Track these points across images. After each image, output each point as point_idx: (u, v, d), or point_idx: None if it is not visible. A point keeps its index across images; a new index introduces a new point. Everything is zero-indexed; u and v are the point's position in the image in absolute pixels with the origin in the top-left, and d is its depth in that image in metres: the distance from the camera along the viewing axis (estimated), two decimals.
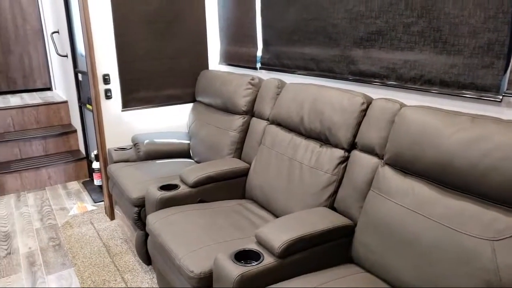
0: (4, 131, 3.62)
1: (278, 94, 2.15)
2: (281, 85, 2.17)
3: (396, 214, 1.37)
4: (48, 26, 4.23)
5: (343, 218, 1.58)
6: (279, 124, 2.07)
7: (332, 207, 1.70)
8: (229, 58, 2.85)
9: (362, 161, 1.59)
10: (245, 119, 2.33)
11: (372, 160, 1.56)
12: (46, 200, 3.18)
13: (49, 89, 4.65)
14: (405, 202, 1.36)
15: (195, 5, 2.83)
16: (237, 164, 2.19)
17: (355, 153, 1.65)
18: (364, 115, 1.64)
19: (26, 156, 3.54)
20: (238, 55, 2.73)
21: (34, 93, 4.47)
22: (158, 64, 2.78)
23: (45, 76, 4.63)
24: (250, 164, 2.18)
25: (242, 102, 2.31)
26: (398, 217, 1.36)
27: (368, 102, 1.65)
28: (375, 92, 1.80)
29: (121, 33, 2.60)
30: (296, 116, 1.90)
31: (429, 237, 1.26)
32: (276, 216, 1.90)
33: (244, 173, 2.17)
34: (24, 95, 4.35)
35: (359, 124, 1.65)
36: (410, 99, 1.66)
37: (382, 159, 1.53)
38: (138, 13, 2.63)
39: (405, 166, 1.41)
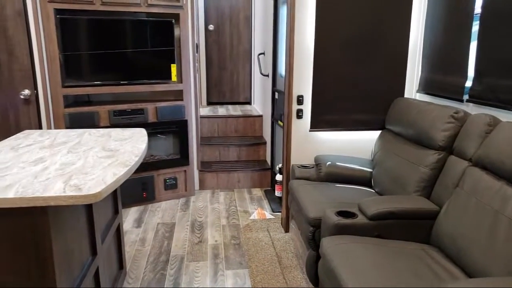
0: (211, 135, 4.27)
1: (488, 133, 1.85)
2: (494, 122, 1.87)
3: None
4: (256, 48, 4.80)
5: None
6: (485, 167, 1.78)
7: None
8: (430, 87, 2.63)
9: None
10: (441, 155, 2.09)
11: None
12: (233, 201, 3.57)
13: (249, 103, 5.26)
14: None
15: (399, 31, 2.73)
16: (424, 204, 1.99)
17: None
18: None
19: (223, 159, 4.07)
20: (441, 84, 2.50)
21: (237, 105, 5.13)
22: (351, 89, 2.79)
23: (247, 91, 5.26)
24: (440, 207, 1.95)
25: (440, 136, 2.09)
26: None
27: None
28: None
29: (320, 57, 2.72)
30: (511, 162, 1.59)
31: None
32: (468, 273, 1.63)
33: (432, 216, 1.95)
34: (229, 106, 5.03)
35: None
36: None
37: None
38: (339, 39, 2.70)
39: None
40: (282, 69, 3.38)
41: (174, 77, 3.42)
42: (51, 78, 2.98)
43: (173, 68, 3.40)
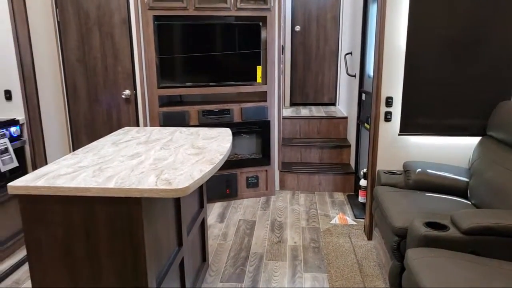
0: (292, 136, 4.27)
1: None
2: None
3: None
4: (343, 48, 4.68)
5: None
6: None
7: None
8: None
9: None
10: None
11: None
12: (314, 204, 3.53)
13: (333, 104, 5.15)
14: None
15: (509, 28, 2.45)
16: None
17: None
18: None
19: (304, 161, 4.04)
20: None
21: (320, 107, 5.06)
22: (447, 90, 2.58)
23: (332, 92, 5.16)
24: None
25: None
26: None
27: None
28: None
29: (412, 57, 2.56)
30: None
31: None
32: None
33: None
34: (313, 107, 4.99)
35: None
36: None
37: None
38: (435, 37, 2.51)
39: None
40: (370, 69, 3.25)
41: (259, 79, 3.49)
42: (148, 79, 3.24)
43: (259, 70, 3.46)
